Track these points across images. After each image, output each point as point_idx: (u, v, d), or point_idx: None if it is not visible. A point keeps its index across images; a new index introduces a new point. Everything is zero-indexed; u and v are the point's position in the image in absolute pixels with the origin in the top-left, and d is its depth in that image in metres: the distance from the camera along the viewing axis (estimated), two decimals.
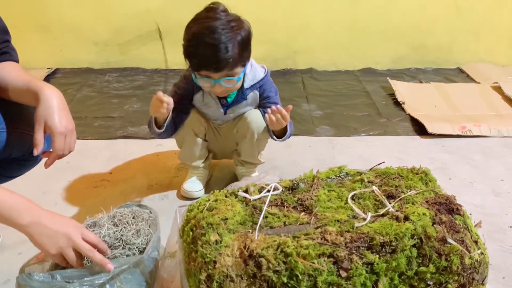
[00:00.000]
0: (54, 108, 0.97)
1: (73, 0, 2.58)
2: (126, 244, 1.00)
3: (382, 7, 2.61)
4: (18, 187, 1.50)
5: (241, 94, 1.40)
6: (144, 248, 1.01)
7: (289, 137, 1.41)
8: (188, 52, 1.27)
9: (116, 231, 1.03)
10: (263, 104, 1.43)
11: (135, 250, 1.00)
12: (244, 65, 1.30)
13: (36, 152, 0.97)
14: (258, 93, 1.42)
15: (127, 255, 0.98)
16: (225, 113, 1.43)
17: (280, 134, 1.39)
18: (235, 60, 1.24)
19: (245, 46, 1.27)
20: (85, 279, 0.89)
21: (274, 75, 2.63)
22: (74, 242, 0.90)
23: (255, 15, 2.64)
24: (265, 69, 1.44)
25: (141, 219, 1.08)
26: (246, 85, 1.39)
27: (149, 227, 1.08)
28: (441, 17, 2.64)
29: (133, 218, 1.08)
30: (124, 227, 1.04)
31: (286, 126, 1.34)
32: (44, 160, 1.03)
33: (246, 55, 1.29)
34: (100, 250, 0.94)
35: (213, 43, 1.21)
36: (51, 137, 0.98)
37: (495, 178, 1.61)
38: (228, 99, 1.41)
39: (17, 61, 1.10)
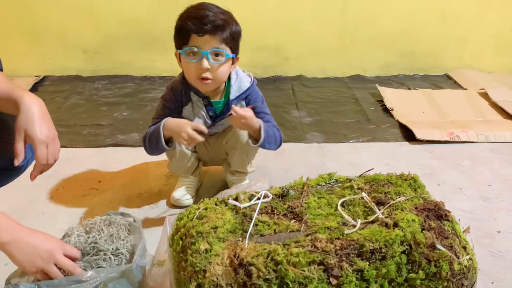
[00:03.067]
0: (34, 116, 0.96)
1: (61, 7, 2.57)
2: (100, 250, 1.00)
3: (370, 15, 2.64)
4: (5, 196, 1.50)
5: (227, 106, 1.38)
6: (121, 253, 1.00)
7: (272, 144, 1.37)
8: (179, 25, 1.26)
9: (88, 237, 1.02)
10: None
11: (110, 255, 0.99)
12: (232, 51, 1.28)
13: (17, 162, 0.95)
14: (244, 104, 1.40)
15: (104, 259, 0.98)
16: (213, 124, 1.41)
17: (257, 137, 1.34)
18: (225, 30, 1.24)
19: (235, 33, 1.27)
20: (71, 287, 0.88)
21: (264, 82, 2.68)
22: (56, 259, 0.89)
23: (245, 22, 2.63)
24: (251, 78, 1.42)
25: (116, 225, 1.07)
26: (231, 97, 1.37)
27: (129, 232, 1.07)
28: (428, 24, 2.68)
29: (108, 224, 1.07)
30: (98, 234, 1.03)
31: (260, 132, 1.30)
32: (29, 169, 1.01)
33: (234, 43, 1.29)
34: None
35: (205, 9, 1.24)
36: (33, 147, 0.97)
37: (483, 184, 1.63)
38: (217, 112, 1.39)
39: (0, 69, 1.08)
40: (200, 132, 1.25)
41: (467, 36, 2.72)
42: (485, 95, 2.34)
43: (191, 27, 1.23)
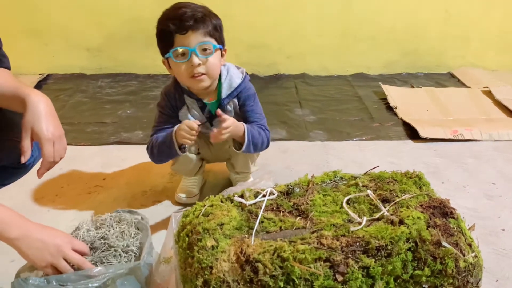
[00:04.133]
0: (41, 114, 0.96)
1: (65, 6, 2.58)
2: (110, 246, 1.00)
3: (373, 13, 2.63)
4: (11, 194, 1.50)
5: (221, 105, 1.35)
6: (131, 250, 1.01)
7: (258, 147, 1.35)
8: (160, 29, 1.26)
9: (98, 232, 1.03)
10: (242, 112, 1.38)
11: (120, 252, 1.00)
12: (218, 42, 1.27)
13: (23, 159, 0.96)
14: (237, 102, 1.37)
15: (114, 256, 0.98)
16: (211, 124, 1.39)
17: (241, 141, 1.32)
18: (206, 22, 1.23)
19: (216, 24, 1.26)
20: (80, 282, 0.89)
21: (267, 80, 2.68)
22: (65, 253, 0.90)
23: (248, 21, 2.66)
24: (243, 74, 1.39)
25: (126, 222, 1.08)
26: (223, 95, 1.34)
27: (137, 229, 1.08)
28: (431, 23, 2.67)
29: (118, 221, 1.08)
30: (108, 230, 1.04)
31: (244, 135, 1.29)
32: (35, 167, 1.02)
33: (218, 34, 1.27)
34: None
35: (181, 7, 1.23)
36: (39, 144, 0.97)
37: (487, 182, 1.63)
38: (212, 112, 1.36)
39: (8, 68, 1.09)
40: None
41: (470, 34, 2.71)
42: (488, 93, 2.34)
43: (172, 28, 1.22)
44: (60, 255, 0.89)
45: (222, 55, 1.32)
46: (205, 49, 1.24)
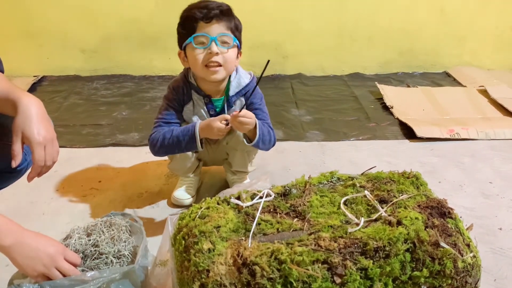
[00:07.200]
0: (32, 117, 0.94)
1: (60, 7, 2.57)
2: (101, 253, 0.99)
3: (369, 12, 2.63)
4: (5, 197, 1.49)
5: (227, 102, 1.38)
6: (123, 255, 1.00)
7: (266, 144, 1.36)
8: (185, 16, 1.28)
9: (89, 240, 1.02)
10: (249, 111, 1.37)
11: (111, 258, 0.99)
12: (236, 37, 1.30)
13: (14, 164, 0.94)
14: (244, 100, 1.39)
15: (105, 263, 0.98)
16: None
17: (252, 136, 1.33)
18: (230, 17, 1.27)
19: (238, 24, 1.31)
20: (75, 287, 0.88)
21: (263, 80, 2.67)
22: (57, 263, 0.89)
23: (244, 20, 2.64)
24: (251, 76, 1.42)
25: (117, 227, 1.07)
26: (231, 93, 1.37)
27: (130, 234, 1.06)
28: (427, 22, 2.68)
29: (109, 226, 1.07)
30: (99, 236, 1.03)
31: (256, 130, 1.30)
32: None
33: (238, 34, 1.31)
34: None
35: (209, 1, 1.28)
36: (30, 148, 0.96)
37: (484, 181, 1.63)
38: (217, 109, 1.39)
39: (1, 71, 1.07)
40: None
41: (466, 33, 2.72)
42: (484, 92, 2.34)
43: (198, 15, 1.25)
44: (52, 265, 0.88)
45: (237, 56, 1.35)
46: (225, 41, 1.27)
